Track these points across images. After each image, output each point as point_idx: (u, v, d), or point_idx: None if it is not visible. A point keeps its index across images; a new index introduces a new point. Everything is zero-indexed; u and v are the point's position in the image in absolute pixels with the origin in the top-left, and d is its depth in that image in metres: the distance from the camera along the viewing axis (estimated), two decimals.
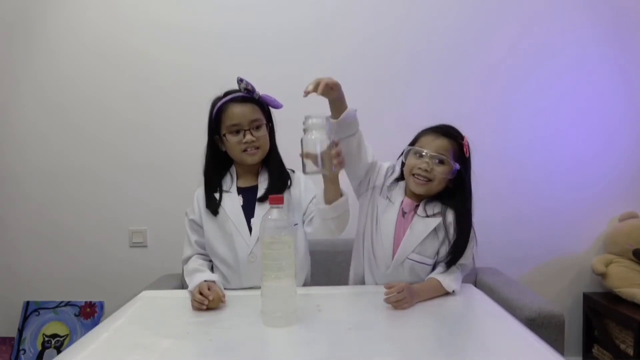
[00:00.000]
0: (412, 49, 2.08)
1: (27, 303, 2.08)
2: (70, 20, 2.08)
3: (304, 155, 1.08)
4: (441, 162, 1.28)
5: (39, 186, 2.12)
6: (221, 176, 1.39)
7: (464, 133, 1.35)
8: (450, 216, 1.31)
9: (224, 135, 1.32)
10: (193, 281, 1.22)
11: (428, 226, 1.29)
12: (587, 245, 2.13)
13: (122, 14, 2.07)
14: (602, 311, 2.00)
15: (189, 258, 1.37)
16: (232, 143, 1.31)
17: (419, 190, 1.31)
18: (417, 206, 1.33)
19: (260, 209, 1.32)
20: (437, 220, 1.29)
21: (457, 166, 1.29)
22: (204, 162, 1.39)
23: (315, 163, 1.07)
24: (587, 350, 2.07)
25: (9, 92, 2.10)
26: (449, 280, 1.24)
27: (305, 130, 1.08)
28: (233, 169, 1.40)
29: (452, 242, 1.29)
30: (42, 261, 2.13)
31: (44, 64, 2.09)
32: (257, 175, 1.39)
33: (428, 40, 2.08)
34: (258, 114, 1.33)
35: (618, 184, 2.11)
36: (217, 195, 1.35)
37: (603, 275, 2.01)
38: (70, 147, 2.10)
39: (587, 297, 2.09)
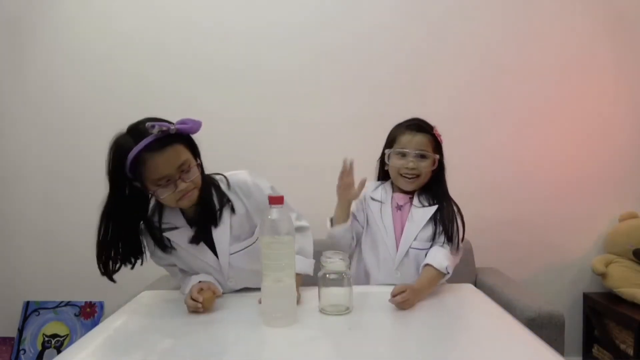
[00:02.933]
0: (413, 48, 2.08)
1: (27, 303, 2.08)
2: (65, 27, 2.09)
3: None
4: (423, 157, 1.37)
5: (39, 186, 2.12)
6: (158, 215, 1.21)
7: (432, 124, 1.44)
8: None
9: (152, 191, 1.11)
10: (186, 286, 1.20)
11: (426, 214, 1.37)
12: (587, 245, 2.13)
13: (114, 30, 2.08)
14: (602, 311, 2.00)
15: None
16: (165, 197, 1.12)
17: (410, 187, 1.41)
18: (411, 198, 1.41)
19: (219, 235, 1.22)
20: (434, 209, 1.37)
21: (437, 157, 1.39)
22: (117, 222, 1.13)
23: None
24: (587, 350, 2.07)
25: (11, 89, 2.10)
26: (439, 259, 1.28)
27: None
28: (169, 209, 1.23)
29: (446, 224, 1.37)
30: (42, 261, 2.13)
31: (45, 62, 2.09)
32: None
33: (428, 39, 2.07)
34: (184, 154, 1.12)
35: (618, 184, 2.11)
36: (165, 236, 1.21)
37: (603, 275, 2.01)
38: (70, 147, 2.10)
39: (587, 297, 2.09)
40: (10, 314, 2.09)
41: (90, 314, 2.06)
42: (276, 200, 1.03)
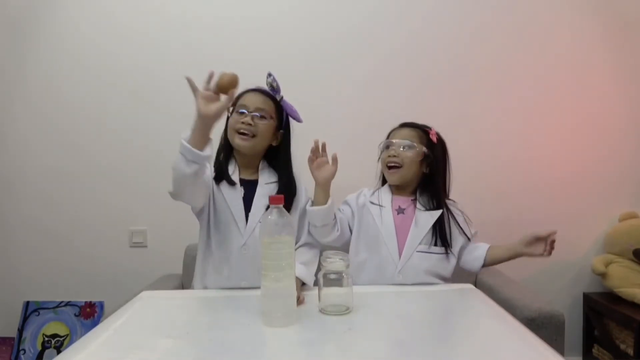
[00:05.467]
0: (413, 48, 2.08)
1: (27, 303, 2.08)
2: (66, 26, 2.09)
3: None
4: (409, 147, 1.38)
5: (39, 186, 2.11)
6: (227, 163, 1.40)
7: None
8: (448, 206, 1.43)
9: (231, 112, 1.35)
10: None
11: (432, 217, 1.37)
12: (587, 245, 2.13)
13: (116, 27, 2.08)
14: (602, 311, 2.00)
15: None
16: (232, 120, 1.34)
17: (393, 178, 1.40)
18: (414, 200, 1.40)
19: (258, 203, 1.34)
20: (439, 212, 1.37)
21: (425, 149, 1.39)
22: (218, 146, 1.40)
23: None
24: (587, 350, 2.07)
25: (11, 90, 2.10)
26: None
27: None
28: (235, 159, 1.41)
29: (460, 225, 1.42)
30: (42, 261, 2.13)
31: (46, 60, 2.09)
32: (257, 169, 1.40)
33: (427, 41, 2.08)
34: (270, 110, 1.35)
35: (618, 185, 2.10)
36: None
37: (603, 275, 2.01)
38: (70, 147, 2.10)
39: (587, 297, 2.09)
40: (10, 314, 2.09)
41: (90, 314, 2.06)
42: (276, 200, 1.03)
